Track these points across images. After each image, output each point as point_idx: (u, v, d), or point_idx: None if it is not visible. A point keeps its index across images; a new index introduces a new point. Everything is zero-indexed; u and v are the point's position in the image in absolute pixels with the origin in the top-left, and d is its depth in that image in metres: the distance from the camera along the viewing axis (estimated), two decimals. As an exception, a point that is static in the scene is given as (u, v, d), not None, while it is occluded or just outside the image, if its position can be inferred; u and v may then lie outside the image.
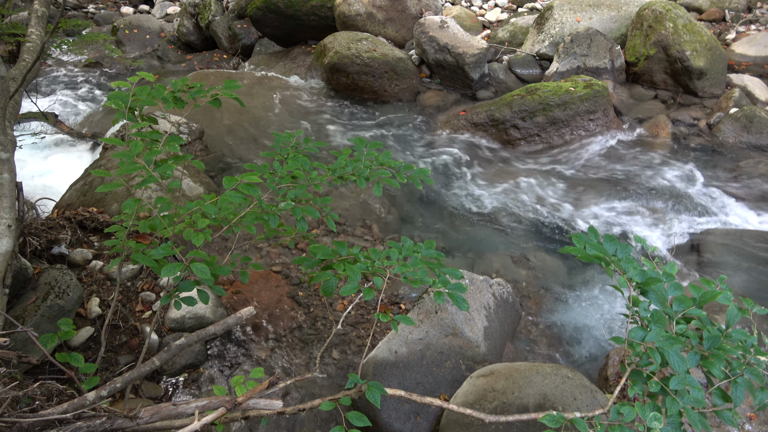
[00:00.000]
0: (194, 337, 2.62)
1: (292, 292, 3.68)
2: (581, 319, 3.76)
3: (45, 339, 2.19)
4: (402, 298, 3.77)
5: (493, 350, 3.13)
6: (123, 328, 3.13)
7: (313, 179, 2.52)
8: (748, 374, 1.82)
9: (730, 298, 1.97)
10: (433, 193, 5.11)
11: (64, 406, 1.96)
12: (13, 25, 5.53)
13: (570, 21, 7.42)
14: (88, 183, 4.14)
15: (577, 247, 1.98)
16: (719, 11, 8.94)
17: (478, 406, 2.59)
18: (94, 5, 11.75)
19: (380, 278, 2.14)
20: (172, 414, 2.09)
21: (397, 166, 2.61)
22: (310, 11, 7.96)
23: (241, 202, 2.22)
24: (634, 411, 1.78)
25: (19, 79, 3.40)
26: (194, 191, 4.24)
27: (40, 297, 2.83)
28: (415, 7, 8.03)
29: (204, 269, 2.04)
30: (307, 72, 7.47)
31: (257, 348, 3.28)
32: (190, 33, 9.68)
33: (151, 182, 2.10)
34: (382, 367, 2.84)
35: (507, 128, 5.91)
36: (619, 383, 2.00)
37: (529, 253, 4.38)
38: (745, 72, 7.22)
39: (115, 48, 7.74)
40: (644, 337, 1.83)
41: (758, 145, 5.82)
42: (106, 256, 3.51)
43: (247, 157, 5.35)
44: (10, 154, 2.83)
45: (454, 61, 6.83)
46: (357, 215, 4.58)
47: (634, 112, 6.59)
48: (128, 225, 2.44)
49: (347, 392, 2.13)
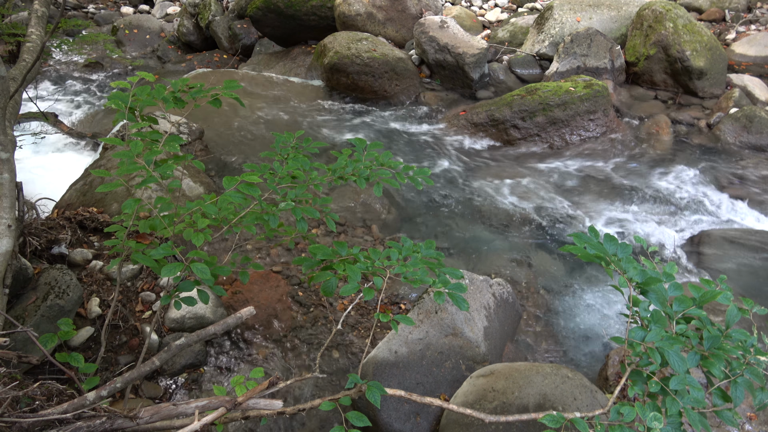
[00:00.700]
0: (194, 337, 2.62)
1: (292, 292, 3.68)
2: (581, 319, 3.76)
3: (45, 339, 2.19)
4: (402, 298, 3.77)
5: (493, 350, 3.13)
6: (123, 328, 3.13)
7: (313, 179, 2.52)
8: (748, 374, 1.82)
9: (730, 298, 1.97)
10: (433, 193, 5.11)
11: (64, 406, 1.96)
12: (13, 25, 5.54)
13: (570, 21, 7.42)
14: (88, 183, 4.14)
15: (577, 246, 1.98)
16: (719, 11, 8.94)
17: (478, 406, 2.59)
18: (94, 5, 11.75)
19: (380, 278, 2.14)
20: (172, 414, 2.09)
21: (397, 166, 2.61)
22: (310, 11, 7.96)
23: (241, 202, 2.22)
24: (634, 411, 1.78)
25: (19, 79, 3.40)
26: (194, 191, 4.24)
27: (40, 297, 2.83)
28: (415, 7, 8.04)
29: (204, 269, 2.04)
30: (307, 72, 7.47)
31: (257, 348, 3.28)
32: (190, 33, 9.68)
33: (151, 182, 2.10)
34: (382, 367, 2.84)
35: (507, 128, 5.91)
36: (619, 383, 2.00)
37: (529, 253, 4.38)
38: (745, 72, 7.22)
39: (115, 48, 7.75)
40: (644, 337, 1.83)
41: (758, 145, 5.82)
42: (106, 256, 3.51)
43: (247, 157, 5.35)
44: (10, 154, 2.83)
45: (454, 61, 6.83)
46: (357, 215, 4.58)
47: (634, 112, 6.59)
48: (128, 225, 2.44)
49: (347, 392, 2.13)
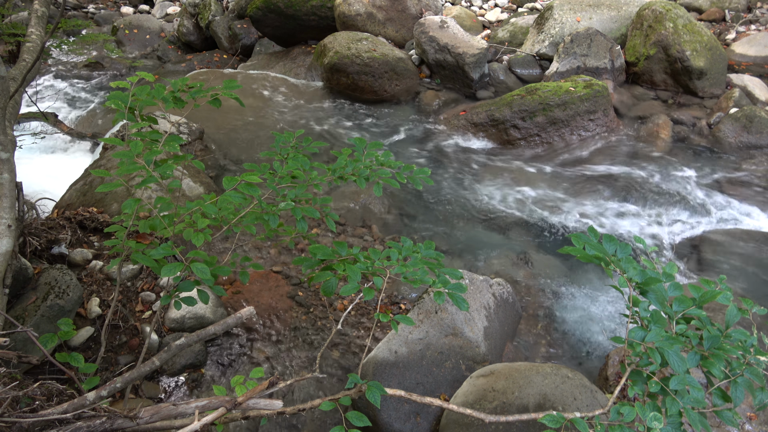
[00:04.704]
0: (194, 337, 2.62)
1: (292, 292, 3.68)
2: (581, 319, 3.76)
3: (45, 339, 2.19)
4: (402, 298, 3.77)
5: (493, 350, 3.13)
6: (123, 328, 3.13)
7: (313, 179, 2.52)
8: (748, 374, 1.82)
9: (729, 298, 1.97)
10: (433, 193, 5.11)
11: (64, 406, 1.96)
12: (13, 25, 5.53)
13: (570, 21, 7.42)
14: (88, 183, 4.14)
15: (576, 247, 1.98)
16: (719, 11, 8.94)
17: (478, 406, 2.59)
18: (94, 5, 11.75)
19: (380, 278, 2.14)
20: (172, 414, 2.09)
21: (397, 166, 2.61)
22: (310, 11, 7.96)
23: (241, 202, 2.22)
24: (634, 411, 1.78)
25: (19, 79, 3.40)
26: (194, 191, 4.24)
27: (40, 297, 2.83)
28: (415, 7, 8.03)
29: (204, 269, 2.04)
30: (307, 72, 7.47)
31: (257, 348, 3.27)
32: (190, 33, 9.68)
33: (151, 182, 2.10)
34: (382, 367, 2.84)
35: (507, 128, 5.91)
36: (619, 383, 2.00)
37: (529, 253, 4.37)
38: (745, 72, 7.22)
39: (115, 48, 7.75)
40: (644, 337, 1.83)
41: (758, 145, 5.82)
42: (106, 256, 3.51)
43: (247, 157, 5.35)
44: (10, 154, 2.83)
45: (454, 61, 6.83)
46: (357, 215, 4.58)
47: (634, 112, 6.59)
48: (128, 225, 2.44)
49: (347, 392, 2.13)
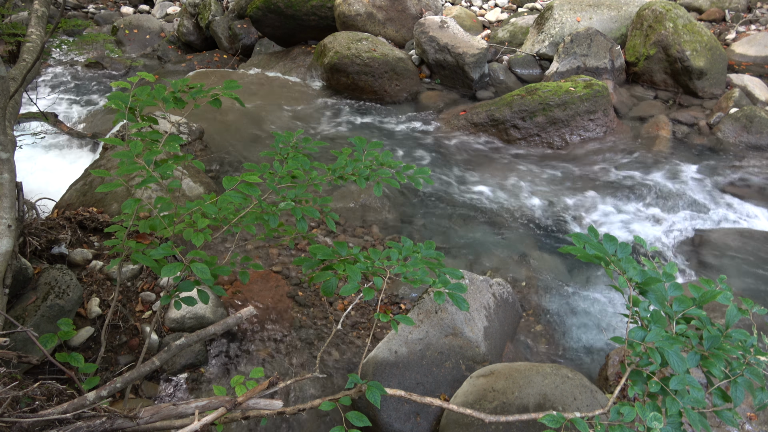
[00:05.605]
0: (194, 337, 2.62)
1: (292, 292, 3.68)
2: (581, 319, 3.76)
3: (45, 339, 2.19)
4: (402, 298, 3.77)
5: (493, 350, 3.13)
6: (123, 328, 3.13)
7: (313, 179, 2.52)
8: (748, 374, 1.82)
9: (730, 298, 1.97)
10: (433, 193, 5.11)
11: (64, 406, 1.96)
12: (13, 25, 5.53)
13: (570, 21, 7.42)
14: (88, 183, 4.14)
15: (576, 246, 1.98)
16: (719, 11, 8.94)
17: (478, 406, 2.59)
18: (94, 5, 11.75)
19: (380, 278, 2.14)
20: (172, 414, 2.09)
21: (397, 165, 2.61)
22: (310, 11, 7.96)
23: (241, 202, 2.22)
24: (634, 411, 1.77)
25: (19, 79, 3.40)
26: (194, 191, 4.24)
27: (40, 297, 2.83)
28: (415, 7, 8.03)
29: (204, 269, 2.04)
30: (307, 72, 7.47)
31: (257, 348, 3.27)
32: (190, 33, 9.69)
33: (151, 182, 2.10)
34: (382, 367, 2.84)
35: (507, 128, 5.91)
36: (619, 383, 2.00)
37: (529, 253, 4.37)
38: (745, 72, 7.22)
39: (115, 48, 7.74)
40: (644, 337, 1.83)
41: (758, 145, 5.82)
42: (106, 256, 3.51)
43: (247, 157, 5.35)
44: (10, 154, 2.83)
45: (454, 61, 6.83)
46: (357, 215, 4.58)
47: (634, 112, 6.59)
48: (128, 225, 2.44)
49: (347, 392, 2.13)
